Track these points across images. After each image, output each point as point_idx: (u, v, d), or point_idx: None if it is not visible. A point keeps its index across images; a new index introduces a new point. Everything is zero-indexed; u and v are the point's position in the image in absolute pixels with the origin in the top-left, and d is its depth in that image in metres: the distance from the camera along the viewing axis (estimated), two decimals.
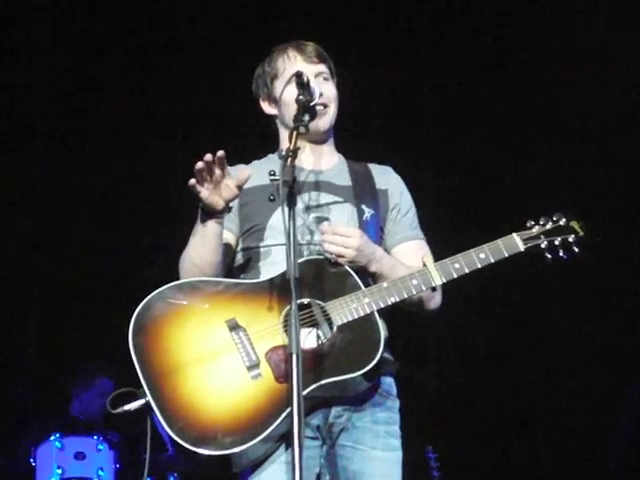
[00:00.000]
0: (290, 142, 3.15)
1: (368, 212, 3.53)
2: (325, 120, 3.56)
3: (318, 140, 3.61)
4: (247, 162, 3.66)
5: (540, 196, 6.85)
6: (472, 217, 7.07)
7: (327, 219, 3.48)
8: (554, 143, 7.19)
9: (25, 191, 7.35)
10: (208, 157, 3.23)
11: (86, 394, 7.08)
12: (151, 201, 7.31)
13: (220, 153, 3.24)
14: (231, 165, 3.57)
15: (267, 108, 3.65)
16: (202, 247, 3.37)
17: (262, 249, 3.49)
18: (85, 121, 7.36)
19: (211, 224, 3.34)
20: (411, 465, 3.53)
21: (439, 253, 3.54)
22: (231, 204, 3.37)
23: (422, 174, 6.58)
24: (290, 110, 3.43)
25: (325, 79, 3.59)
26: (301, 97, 3.29)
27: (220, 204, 3.31)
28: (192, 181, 3.25)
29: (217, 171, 3.25)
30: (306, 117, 3.28)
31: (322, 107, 3.51)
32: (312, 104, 3.30)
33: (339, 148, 3.73)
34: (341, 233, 3.34)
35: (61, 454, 6.61)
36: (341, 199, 3.53)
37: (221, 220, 3.36)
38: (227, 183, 3.29)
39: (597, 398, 7.21)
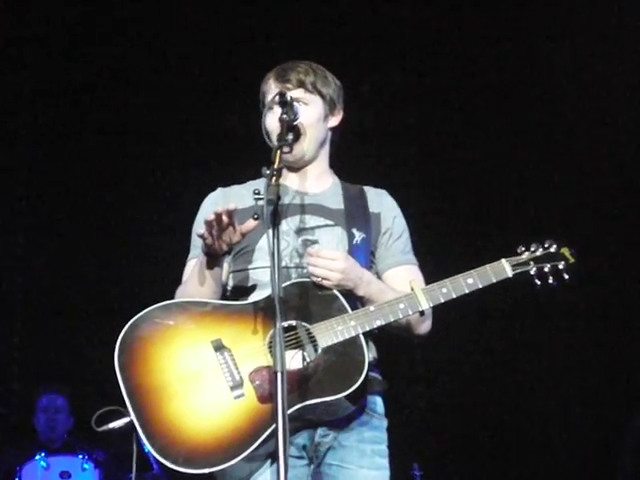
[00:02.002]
0: (274, 161, 3.14)
1: (359, 236, 3.52)
2: (297, 148, 3.47)
3: (298, 164, 3.57)
4: (242, 182, 3.65)
5: (533, 221, 6.86)
6: (462, 241, 7.06)
7: (316, 242, 3.47)
8: (547, 166, 7.19)
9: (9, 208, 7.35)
10: (219, 210, 3.21)
11: (36, 417, 7.11)
12: (133, 225, 7.31)
13: (232, 206, 3.22)
14: (224, 187, 3.61)
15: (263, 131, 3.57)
16: (202, 287, 3.38)
17: (251, 271, 3.49)
18: (75, 135, 7.35)
19: (212, 266, 3.35)
20: None
21: (427, 277, 3.55)
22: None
23: (410, 197, 6.57)
24: (270, 137, 3.41)
25: (303, 104, 3.49)
26: (284, 116, 3.30)
27: (224, 248, 3.31)
28: (203, 232, 3.24)
29: (225, 219, 3.23)
30: (290, 136, 3.30)
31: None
32: (295, 123, 3.31)
33: (335, 170, 3.70)
34: (326, 256, 3.32)
35: (46, 473, 6.61)
36: (332, 222, 3.52)
37: (222, 262, 3.38)
38: (232, 229, 3.28)
39: (589, 416, 7.21)
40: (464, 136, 7.30)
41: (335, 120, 3.63)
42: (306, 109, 3.50)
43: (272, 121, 3.46)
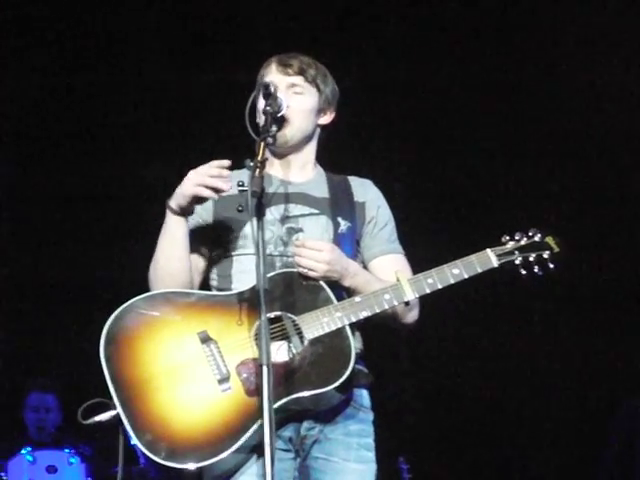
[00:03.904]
0: (257, 153, 3.14)
1: (344, 224, 3.52)
2: (283, 133, 3.48)
3: (281, 152, 3.58)
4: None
5: (517, 210, 6.85)
6: (447, 231, 7.06)
7: (301, 230, 3.48)
8: (531, 157, 7.20)
9: None
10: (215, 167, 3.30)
11: (25, 413, 7.08)
12: (123, 214, 7.27)
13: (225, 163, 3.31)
14: None
15: (257, 118, 3.57)
16: (171, 248, 3.39)
17: (235, 257, 3.48)
18: (57, 128, 7.29)
19: (181, 224, 3.36)
20: (383, 476, 3.54)
21: (412, 268, 3.55)
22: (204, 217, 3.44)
23: (395, 187, 6.56)
24: (260, 119, 3.45)
25: (298, 93, 3.53)
26: (268, 108, 3.30)
27: (193, 206, 3.36)
28: (203, 189, 3.28)
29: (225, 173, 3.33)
30: (273, 128, 3.30)
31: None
32: (279, 115, 3.32)
33: (320, 162, 3.70)
34: (312, 247, 3.33)
35: (32, 468, 6.60)
36: (316, 211, 3.53)
37: (186, 222, 3.39)
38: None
39: (575, 411, 7.22)
40: (448, 127, 7.29)
41: (326, 119, 3.65)
42: (300, 97, 3.53)
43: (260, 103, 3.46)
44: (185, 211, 3.35)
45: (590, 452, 6.89)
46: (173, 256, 3.39)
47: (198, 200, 3.33)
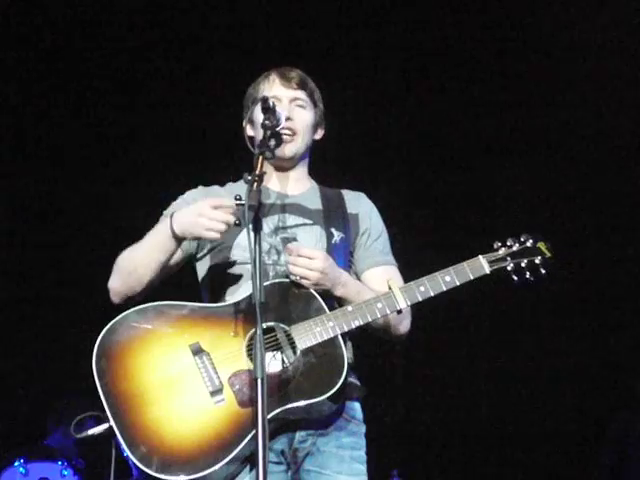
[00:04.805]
0: (256, 166, 3.13)
1: (337, 235, 3.53)
2: (290, 147, 3.54)
3: (285, 166, 3.61)
4: (222, 184, 3.67)
5: (510, 217, 6.86)
6: (440, 238, 7.05)
7: (295, 239, 3.49)
8: (523, 164, 7.19)
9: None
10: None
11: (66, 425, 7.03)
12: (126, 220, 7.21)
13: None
14: (206, 186, 3.62)
15: (248, 130, 3.61)
16: (155, 256, 3.37)
17: (228, 267, 3.48)
18: (52, 137, 7.26)
19: (177, 244, 3.36)
20: None
21: (405, 275, 3.55)
22: None
23: (388, 194, 6.56)
24: (260, 133, 3.44)
25: (300, 106, 3.59)
26: (267, 122, 3.30)
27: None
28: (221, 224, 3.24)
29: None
30: (272, 142, 3.30)
31: (289, 133, 3.52)
32: (278, 129, 3.31)
33: (313, 176, 3.73)
34: (305, 255, 3.32)
35: None
36: (310, 222, 3.54)
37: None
38: None
39: (569, 421, 7.23)
40: (441, 134, 7.28)
41: (320, 134, 3.71)
42: (304, 111, 3.59)
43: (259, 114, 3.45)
44: (185, 239, 3.36)
45: (584, 468, 6.91)
46: (155, 263, 3.38)
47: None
